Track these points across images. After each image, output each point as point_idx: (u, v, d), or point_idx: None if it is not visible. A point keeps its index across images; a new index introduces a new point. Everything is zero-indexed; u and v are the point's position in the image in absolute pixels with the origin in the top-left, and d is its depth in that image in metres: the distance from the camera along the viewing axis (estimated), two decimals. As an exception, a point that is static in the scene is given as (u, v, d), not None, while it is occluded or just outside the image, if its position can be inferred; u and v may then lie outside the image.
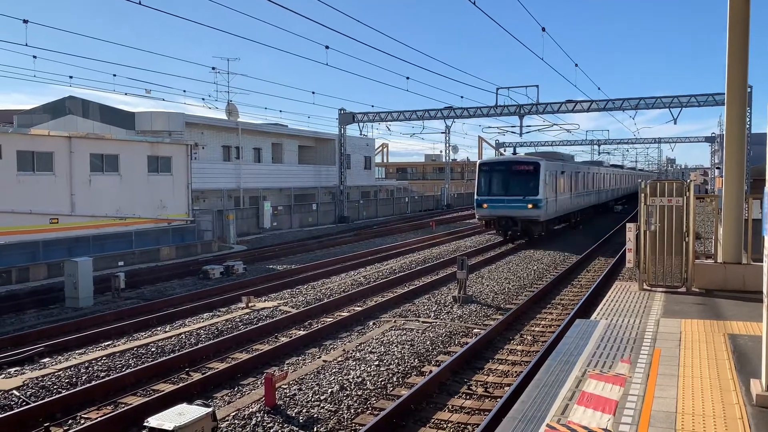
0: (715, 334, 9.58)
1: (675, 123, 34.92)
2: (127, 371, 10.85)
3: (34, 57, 24.89)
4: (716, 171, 52.82)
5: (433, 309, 15.86)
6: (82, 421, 8.94)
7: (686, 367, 7.98)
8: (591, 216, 42.98)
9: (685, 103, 35.84)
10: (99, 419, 8.72)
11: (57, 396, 9.64)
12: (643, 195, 13.15)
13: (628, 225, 13.69)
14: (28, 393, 9.87)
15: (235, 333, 13.48)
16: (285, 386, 9.97)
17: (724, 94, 13.59)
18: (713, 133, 66.25)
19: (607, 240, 31.16)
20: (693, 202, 12.96)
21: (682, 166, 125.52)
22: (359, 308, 16.06)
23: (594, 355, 8.45)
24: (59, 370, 11.01)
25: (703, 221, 16.02)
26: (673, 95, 35.50)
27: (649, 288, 13.15)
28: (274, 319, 14.78)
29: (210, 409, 7.55)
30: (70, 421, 8.98)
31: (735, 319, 10.53)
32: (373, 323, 14.59)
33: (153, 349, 12.43)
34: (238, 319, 14.84)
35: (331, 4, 16.95)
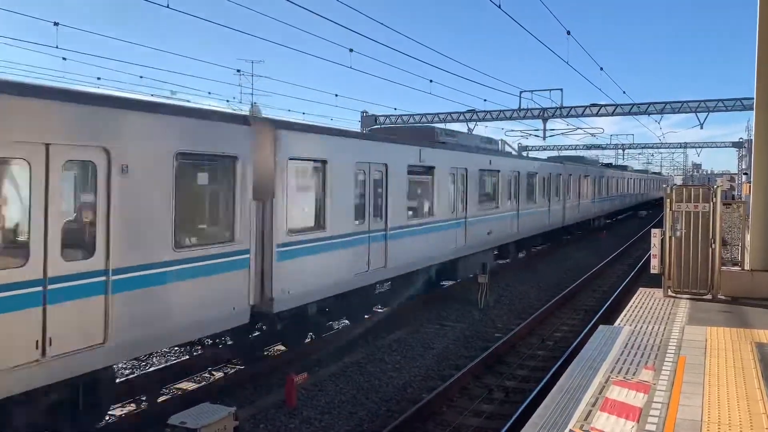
0: (742, 343, 9.42)
1: (701, 128, 34.36)
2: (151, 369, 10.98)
3: (64, 59, 25.42)
4: (743, 177, 52.02)
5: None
6: (108, 418, 9.07)
7: (712, 375, 7.85)
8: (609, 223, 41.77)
9: (712, 108, 35.37)
10: (123, 415, 8.84)
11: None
12: (668, 200, 12.98)
13: (652, 231, 13.53)
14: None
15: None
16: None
17: (752, 98, 13.37)
18: (741, 138, 65.25)
19: (632, 245, 30.85)
20: (720, 208, 12.76)
21: (708, 171, 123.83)
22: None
23: (617, 362, 8.36)
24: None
25: (730, 227, 15.73)
26: (700, 99, 35.03)
27: (673, 295, 12.97)
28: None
29: (232, 408, 7.61)
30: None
31: (762, 328, 10.34)
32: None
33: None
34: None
35: (355, 7, 16.92)
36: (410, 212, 14.77)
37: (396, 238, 13.71)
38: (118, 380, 10.31)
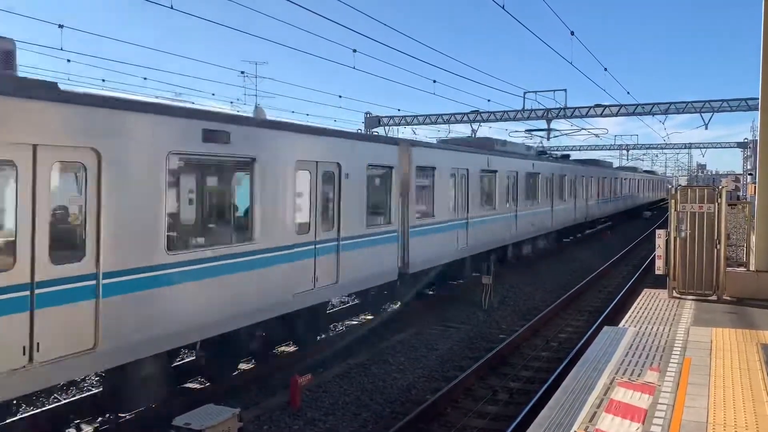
0: (748, 344, 9.38)
1: (706, 128, 34.22)
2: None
3: (69, 60, 25.42)
4: (748, 177, 51.84)
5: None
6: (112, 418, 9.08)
7: (717, 377, 7.83)
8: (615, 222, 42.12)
9: (716, 108, 35.24)
10: (128, 416, 8.85)
11: (87, 393, 9.81)
12: (673, 201, 12.95)
13: (657, 231, 13.49)
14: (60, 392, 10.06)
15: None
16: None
17: (757, 98, 13.33)
18: (746, 138, 64.98)
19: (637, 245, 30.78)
20: (725, 208, 12.72)
21: (713, 172, 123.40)
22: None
23: (622, 363, 8.34)
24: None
25: (735, 228, 15.73)
26: (705, 100, 34.89)
27: (678, 296, 12.93)
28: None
29: (236, 410, 7.61)
30: (99, 419, 9.13)
31: (768, 329, 10.30)
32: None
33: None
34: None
35: (358, 8, 17.08)
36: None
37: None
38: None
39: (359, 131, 26.16)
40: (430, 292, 17.52)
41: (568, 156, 37.73)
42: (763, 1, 12.66)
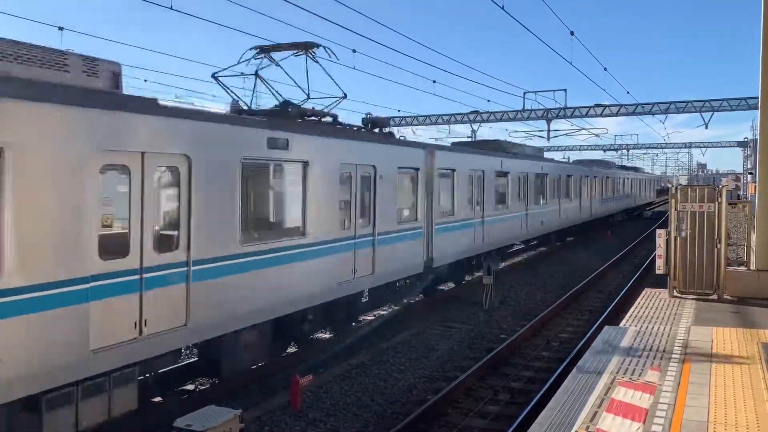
0: (748, 343, 9.38)
1: (706, 127, 34.22)
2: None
3: (68, 62, 25.25)
4: (749, 176, 51.81)
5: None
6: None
7: (718, 376, 7.83)
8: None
9: (716, 107, 35.25)
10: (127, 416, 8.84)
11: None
12: (673, 200, 12.95)
13: (658, 231, 13.49)
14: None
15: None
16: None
17: (757, 97, 13.33)
18: (746, 137, 64.98)
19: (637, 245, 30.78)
20: (725, 208, 12.72)
21: (713, 171, 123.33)
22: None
23: (623, 363, 8.34)
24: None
25: (735, 227, 15.70)
26: (705, 99, 34.88)
27: (679, 295, 12.93)
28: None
29: (237, 411, 7.62)
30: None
31: (769, 328, 10.30)
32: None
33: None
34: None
35: (357, 9, 17.19)
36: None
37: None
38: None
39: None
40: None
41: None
42: (763, 1, 12.66)
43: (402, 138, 21.06)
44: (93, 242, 7.24)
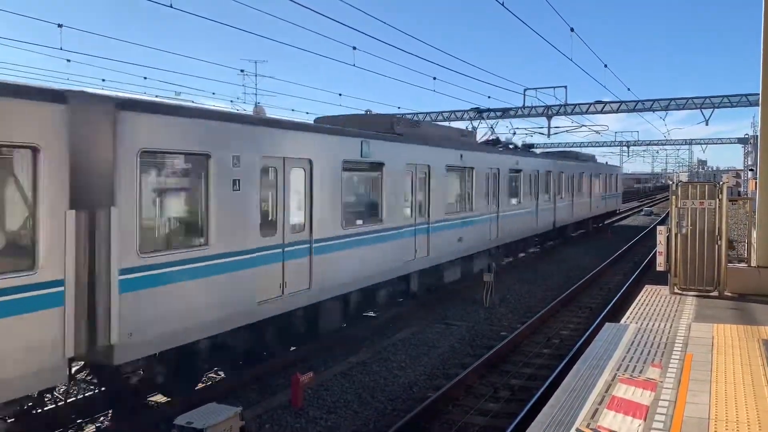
0: (749, 340, 9.38)
1: (707, 124, 34.17)
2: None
3: (68, 60, 25.39)
4: (749, 173, 51.77)
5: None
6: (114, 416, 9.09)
7: (719, 372, 7.82)
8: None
9: (717, 104, 35.21)
10: (126, 416, 8.84)
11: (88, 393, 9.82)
12: (674, 197, 12.94)
13: (658, 228, 13.48)
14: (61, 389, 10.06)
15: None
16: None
17: (758, 94, 13.31)
18: (746, 134, 64.88)
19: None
20: (726, 204, 12.70)
21: (714, 168, 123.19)
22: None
23: (624, 360, 8.34)
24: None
25: (736, 224, 15.66)
26: (705, 96, 34.83)
27: (680, 292, 12.92)
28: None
29: (238, 408, 7.61)
30: (101, 418, 9.14)
31: (769, 325, 10.29)
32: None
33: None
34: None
35: (357, 6, 17.19)
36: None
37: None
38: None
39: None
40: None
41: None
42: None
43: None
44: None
